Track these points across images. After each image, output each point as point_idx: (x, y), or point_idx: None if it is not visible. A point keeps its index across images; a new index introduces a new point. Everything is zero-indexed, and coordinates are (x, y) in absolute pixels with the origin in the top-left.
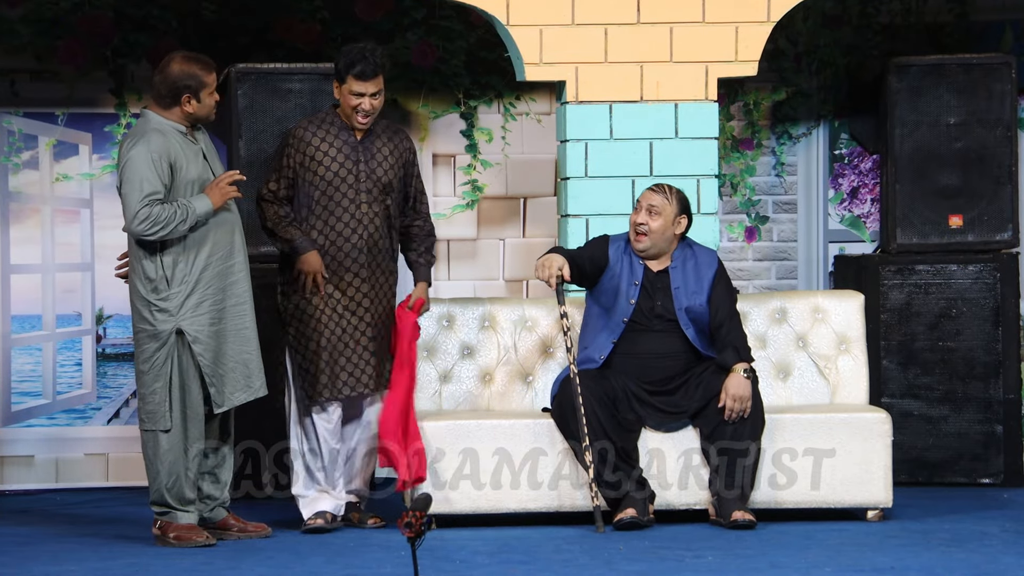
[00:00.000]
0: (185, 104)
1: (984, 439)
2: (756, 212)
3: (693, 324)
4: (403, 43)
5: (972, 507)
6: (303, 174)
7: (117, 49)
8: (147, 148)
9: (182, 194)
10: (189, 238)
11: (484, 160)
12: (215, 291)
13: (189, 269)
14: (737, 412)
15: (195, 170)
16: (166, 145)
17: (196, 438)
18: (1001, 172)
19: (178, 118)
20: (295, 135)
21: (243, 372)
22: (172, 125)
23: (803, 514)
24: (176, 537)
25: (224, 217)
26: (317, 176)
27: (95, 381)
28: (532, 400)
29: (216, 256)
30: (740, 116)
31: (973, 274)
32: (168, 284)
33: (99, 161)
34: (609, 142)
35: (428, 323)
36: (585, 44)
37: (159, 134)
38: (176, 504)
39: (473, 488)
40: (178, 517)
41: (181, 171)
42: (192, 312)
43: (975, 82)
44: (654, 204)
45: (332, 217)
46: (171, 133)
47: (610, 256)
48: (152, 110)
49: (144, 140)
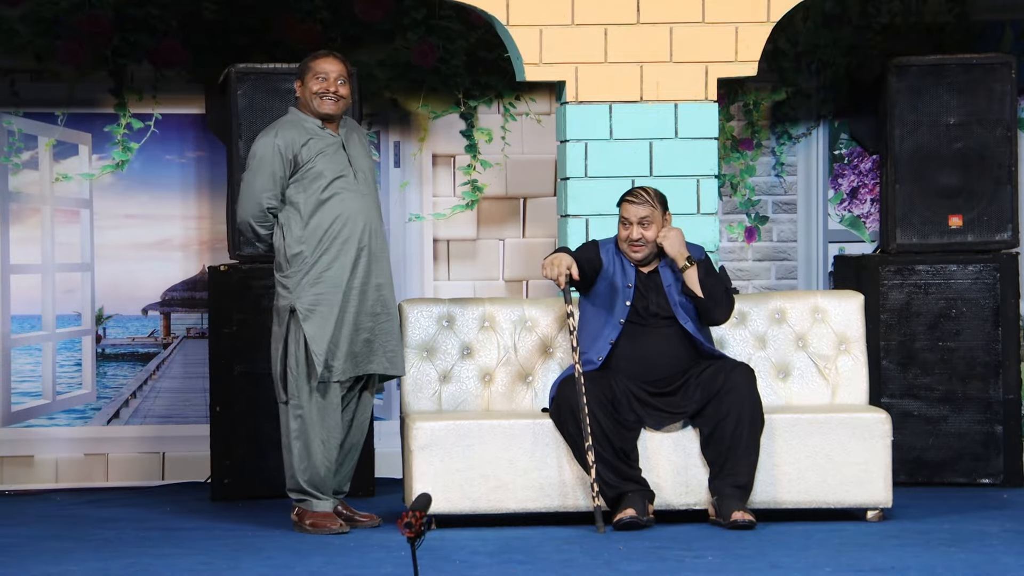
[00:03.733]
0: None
1: (984, 439)
2: (756, 212)
3: (691, 318)
4: (403, 43)
5: (972, 507)
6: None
7: (117, 49)
8: (272, 139)
9: (311, 189)
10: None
11: (484, 160)
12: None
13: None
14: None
15: (324, 162)
16: (293, 137)
17: (333, 427)
18: (1001, 172)
19: (307, 111)
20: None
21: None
22: (304, 118)
23: (803, 514)
24: (312, 524)
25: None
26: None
27: (95, 381)
28: (532, 400)
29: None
30: (740, 116)
31: (973, 274)
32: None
33: (99, 161)
34: (609, 142)
35: (428, 323)
36: (585, 44)
37: (290, 125)
38: (312, 491)
39: (473, 488)
40: (313, 505)
41: (305, 163)
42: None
43: (975, 82)
44: (645, 216)
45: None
46: (300, 125)
47: (603, 259)
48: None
49: (271, 131)
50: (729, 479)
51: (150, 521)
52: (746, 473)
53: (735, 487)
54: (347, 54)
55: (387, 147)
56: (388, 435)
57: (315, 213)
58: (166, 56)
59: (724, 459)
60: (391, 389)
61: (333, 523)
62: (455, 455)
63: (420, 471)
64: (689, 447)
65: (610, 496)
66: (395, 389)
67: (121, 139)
